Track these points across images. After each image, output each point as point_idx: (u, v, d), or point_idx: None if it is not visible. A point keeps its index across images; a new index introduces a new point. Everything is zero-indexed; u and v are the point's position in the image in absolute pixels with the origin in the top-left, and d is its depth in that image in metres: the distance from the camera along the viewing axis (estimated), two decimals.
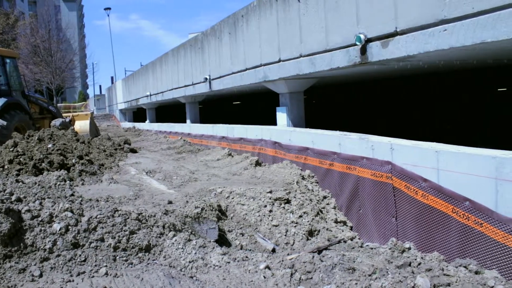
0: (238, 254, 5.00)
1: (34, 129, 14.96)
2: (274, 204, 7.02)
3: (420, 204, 5.62)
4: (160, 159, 13.10)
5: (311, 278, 4.25)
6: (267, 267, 4.52)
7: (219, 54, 14.41)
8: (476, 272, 4.37)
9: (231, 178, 9.18)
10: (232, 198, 7.27)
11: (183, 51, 18.70)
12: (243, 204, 7.06)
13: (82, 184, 8.55)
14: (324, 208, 7.58)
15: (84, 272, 4.31)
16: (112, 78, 61.85)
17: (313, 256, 4.61)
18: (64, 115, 20.19)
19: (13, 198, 5.20)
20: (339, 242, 6.10)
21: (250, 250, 5.68)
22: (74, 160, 10.00)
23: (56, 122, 16.64)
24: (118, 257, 4.64)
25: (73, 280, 4.13)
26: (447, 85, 16.50)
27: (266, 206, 6.94)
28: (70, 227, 4.77)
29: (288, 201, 7.14)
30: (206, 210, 6.06)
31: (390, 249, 5.35)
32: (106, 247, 4.70)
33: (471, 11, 5.21)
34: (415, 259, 4.83)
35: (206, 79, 15.47)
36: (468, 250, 4.89)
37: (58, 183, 6.97)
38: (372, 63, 7.20)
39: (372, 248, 5.64)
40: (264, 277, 4.29)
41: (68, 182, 7.16)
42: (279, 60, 10.22)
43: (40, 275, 4.20)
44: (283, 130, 10.22)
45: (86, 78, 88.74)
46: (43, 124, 17.46)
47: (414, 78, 15.05)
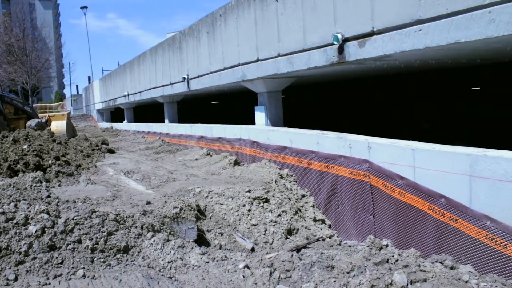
0: (217, 254, 4.99)
1: (9, 130, 14.68)
2: (252, 203, 7.02)
3: (397, 201, 5.69)
4: (138, 159, 12.99)
5: (290, 277, 4.27)
6: (246, 266, 4.52)
7: (197, 54, 14.36)
8: (452, 268, 4.45)
9: (209, 178, 9.16)
10: (211, 198, 7.25)
11: (161, 51, 18.57)
12: (222, 204, 7.05)
13: (59, 185, 8.43)
14: (302, 206, 7.62)
15: (61, 275, 4.25)
16: (89, 78, 61.11)
17: (292, 255, 4.63)
18: (40, 115, 19.88)
19: None
20: (318, 240, 6.14)
21: (229, 250, 5.68)
22: (50, 161, 9.84)
23: (32, 122, 16.36)
24: (96, 258, 4.59)
25: (49, 283, 4.06)
26: (423, 84, 16.73)
27: (245, 206, 6.94)
28: (46, 229, 4.69)
29: (266, 200, 7.16)
30: (184, 210, 6.04)
31: (368, 246, 5.40)
32: (84, 249, 4.64)
33: (445, 12, 5.29)
34: (393, 256, 4.90)
35: (184, 78, 15.39)
36: (444, 246, 4.98)
37: (34, 184, 6.86)
38: (350, 62, 7.26)
39: (350, 246, 5.69)
40: (243, 276, 4.29)
41: (44, 183, 7.05)
42: (257, 60, 10.23)
43: (15, 279, 4.12)
44: (261, 129, 10.23)
45: (63, 78, 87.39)
46: (18, 125, 17.14)
47: (391, 78, 15.23)
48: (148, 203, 6.47)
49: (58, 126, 19.40)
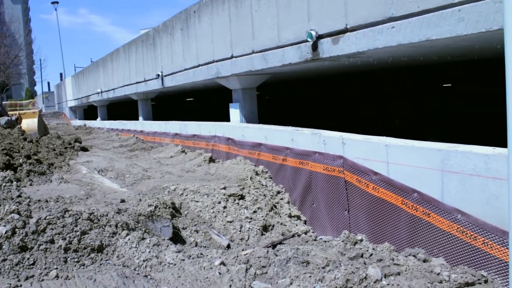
0: (192, 251, 4.97)
1: None
2: (228, 200, 7.02)
3: (371, 196, 5.77)
4: (112, 157, 12.83)
5: (266, 273, 4.29)
6: (222, 263, 4.52)
7: (171, 50, 14.25)
8: (424, 260, 4.53)
9: (184, 175, 9.12)
10: (186, 195, 7.22)
11: (134, 47, 18.36)
12: (197, 201, 7.03)
13: (30, 184, 8.26)
14: (278, 203, 7.65)
15: (33, 276, 4.17)
16: (61, 75, 60.00)
17: (267, 251, 4.65)
18: (10, 113, 19.44)
19: None
20: (293, 236, 6.17)
21: (205, 247, 5.67)
22: (21, 160, 9.63)
23: (1, 120, 16.02)
24: (69, 258, 4.52)
25: (21, 285, 3.98)
26: (396, 81, 16.97)
27: (220, 203, 6.93)
28: (17, 229, 4.59)
29: (242, 197, 7.17)
30: (159, 208, 5.99)
31: (343, 241, 5.46)
32: (57, 249, 4.56)
33: (417, 10, 5.37)
34: (367, 250, 4.96)
35: (159, 75, 15.27)
36: (417, 240, 5.07)
37: (4, 184, 6.71)
38: (324, 59, 7.31)
39: (325, 241, 5.74)
40: (219, 273, 4.29)
41: (15, 183, 6.91)
42: (232, 56, 10.21)
43: None
44: (236, 126, 10.23)
45: (34, 74, 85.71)
46: None
47: (365, 75, 15.40)
48: (123, 201, 6.40)
49: (29, 124, 19.02)
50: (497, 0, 4.42)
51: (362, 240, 5.59)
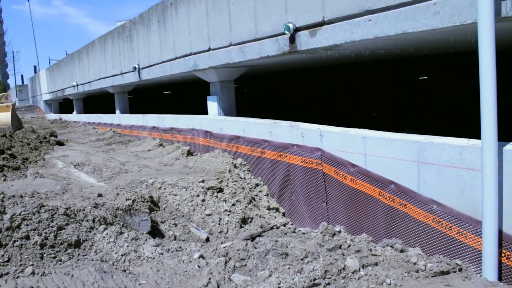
0: (171, 245, 4.95)
1: None
2: (206, 193, 7.00)
3: (349, 188, 5.82)
4: (89, 151, 12.66)
5: (245, 265, 4.30)
6: (201, 256, 4.51)
7: (148, 43, 14.09)
8: (401, 251, 4.60)
9: (162, 169, 9.06)
10: (164, 189, 7.18)
11: (110, 40, 18.09)
12: (176, 195, 7.00)
13: (4, 180, 8.10)
14: (256, 195, 7.67)
15: (7, 273, 4.09)
16: (35, 68, 58.88)
17: (246, 244, 4.66)
18: None
19: None
20: (272, 228, 6.20)
21: (184, 240, 5.65)
22: None
23: None
24: (45, 254, 4.45)
25: None
26: (373, 74, 17.11)
27: (198, 196, 6.91)
28: None
29: (220, 190, 7.16)
30: (137, 202, 5.95)
31: (321, 233, 5.51)
32: (32, 245, 4.48)
33: (393, 3, 5.41)
34: (345, 242, 5.01)
35: (135, 68, 15.08)
36: (394, 230, 5.15)
37: None
38: (301, 51, 7.32)
39: (304, 233, 5.78)
40: (199, 266, 4.28)
41: None
42: (209, 49, 10.14)
43: None
44: (214, 119, 10.19)
45: (6, 67, 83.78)
46: None
47: (342, 67, 15.48)
48: (100, 195, 6.33)
49: (2, 118, 18.64)
50: None
51: (340, 232, 5.64)
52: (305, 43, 7.07)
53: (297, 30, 7.18)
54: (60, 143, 14.45)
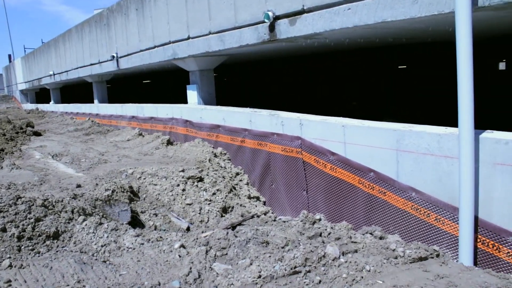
0: (152, 235, 4.93)
1: None
2: (187, 182, 6.98)
3: (329, 176, 5.86)
4: (67, 141, 12.48)
5: (226, 254, 4.30)
6: (182, 246, 4.50)
7: (126, 31, 13.89)
8: (381, 238, 4.66)
9: (142, 158, 8.98)
10: (144, 179, 7.13)
11: (87, 28, 17.78)
12: (156, 184, 6.95)
13: None
14: (237, 184, 7.67)
15: None
16: (9, 56, 57.52)
17: (227, 233, 4.66)
18: None
19: None
20: (253, 217, 6.21)
21: (165, 230, 5.63)
22: None
23: None
24: (23, 247, 4.38)
25: None
26: (353, 63, 17.19)
27: (179, 185, 6.88)
28: None
29: (201, 179, 7.14)
30: (117, 192, 5.89)
31: (301, 221, 5.54)
32: (9, 238, 4.41)
33: None
34: (325, 229, 5.05)
35: (114, 57, 14.88)
36: (373, 218, 5.21)
37: None
38: (281, 40, 7.30)
39: (284, 221, 5.80)
40: (179, 256, 4.27)
41: None
42: (188, 37, 10.05)
43: None
44: (194, 108, 10.13)
45: None
46: None
47: (322, 56, 15.51)
48: (79, 186, 6.25)
49: None
50: None
51: (320, 220, 5.69)
52: (284, 31, 7.05)
53: (276, 18, 7.15)
54: (37, 134, 14.22)
